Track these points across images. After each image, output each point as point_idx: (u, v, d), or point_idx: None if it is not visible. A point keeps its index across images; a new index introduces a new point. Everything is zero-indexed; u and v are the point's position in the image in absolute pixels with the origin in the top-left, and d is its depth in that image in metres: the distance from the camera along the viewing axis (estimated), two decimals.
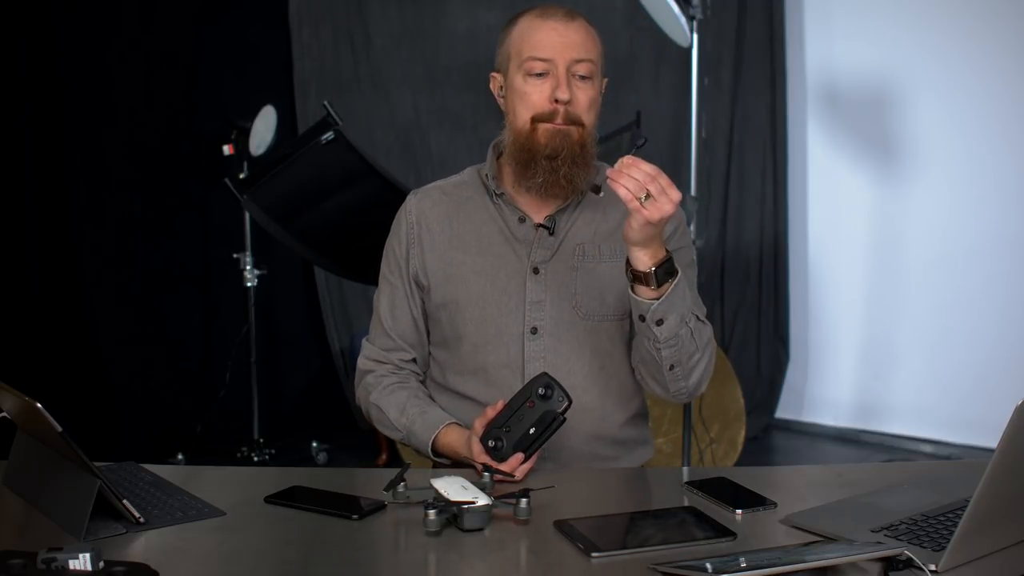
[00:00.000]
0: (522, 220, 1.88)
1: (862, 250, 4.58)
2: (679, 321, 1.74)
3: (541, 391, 1.70)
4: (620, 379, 1.91)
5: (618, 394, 1.91)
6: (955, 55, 4.24)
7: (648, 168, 1.62)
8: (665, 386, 1.83)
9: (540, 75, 1.80)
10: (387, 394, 1.93)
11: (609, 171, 1.65)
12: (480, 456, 1.70)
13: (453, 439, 1.81)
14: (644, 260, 1.69)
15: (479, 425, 1.73)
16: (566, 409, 1.70)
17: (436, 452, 1.85)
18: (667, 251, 1.71)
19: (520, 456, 1.68)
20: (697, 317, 1.80)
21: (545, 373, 1.73)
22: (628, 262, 1.72)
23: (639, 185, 1.62)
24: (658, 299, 1.71)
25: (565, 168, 1.80)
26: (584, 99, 1.81)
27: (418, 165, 4.71)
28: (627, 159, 1.64)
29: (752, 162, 4.75)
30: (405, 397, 1.91)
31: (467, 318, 1.88)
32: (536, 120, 1.81)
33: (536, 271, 1.87)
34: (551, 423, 1.69)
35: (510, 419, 1.70)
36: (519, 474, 1.68)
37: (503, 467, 1.66)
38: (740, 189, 4.78)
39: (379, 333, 1.98)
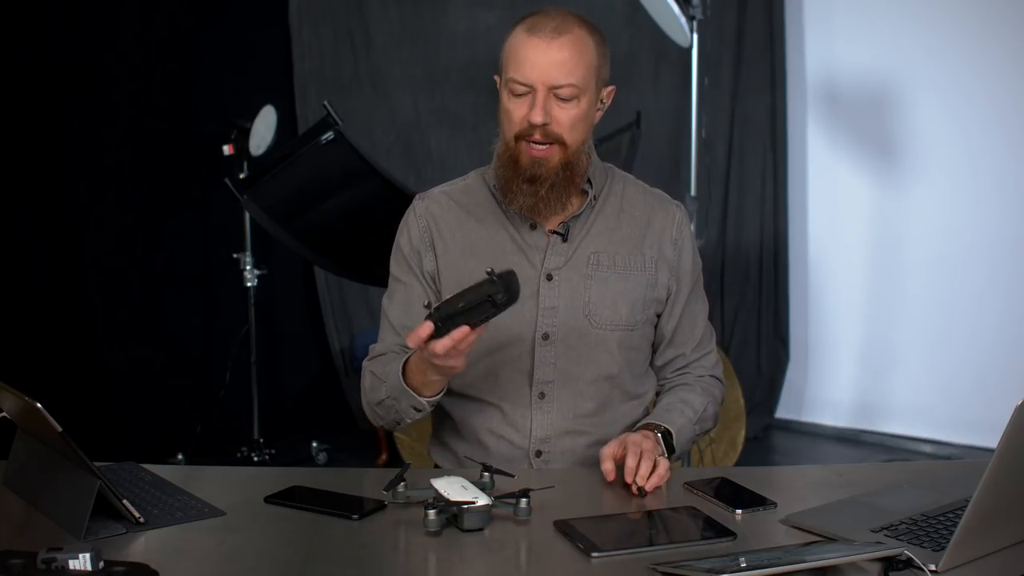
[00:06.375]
0: (533, 227, 1.88)
1: (862, 250, 4.58)
2: (689, 441, 1.89)
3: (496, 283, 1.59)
4: (624, 388, 1.92)
5: (620, 402, 1.92)
6: (955, 55, 4.24)
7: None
8: None
9: (521, 94, 1.78)
10: (369, 365, 1.89)
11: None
12: (423, 332, 1.60)
13: (412, 363, 1.76)
14: None
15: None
16: (504, 299, 1.58)
17: (408, 382, 1.77)
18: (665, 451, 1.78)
19: (466, 329, 1.58)
20: (705, 408, 1.91)
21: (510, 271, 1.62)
22: None
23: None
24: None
25: (544, 191, 1.80)
26: (566, 119, 1.78)
27: (418, 165, 4.71)
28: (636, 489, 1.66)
29: (752, 162, 4.74)
30: (385, 360, 1.85)
31: None
32: (518, 137, 1.80)
33: (549, 277, 1.87)
34: (483, 303, 1.58)
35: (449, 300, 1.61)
36: (460, 341, 1.59)
37: (447, 339, 1.59)
38: (740, 189, 4.77)
39: (389, 333, 1.92)
